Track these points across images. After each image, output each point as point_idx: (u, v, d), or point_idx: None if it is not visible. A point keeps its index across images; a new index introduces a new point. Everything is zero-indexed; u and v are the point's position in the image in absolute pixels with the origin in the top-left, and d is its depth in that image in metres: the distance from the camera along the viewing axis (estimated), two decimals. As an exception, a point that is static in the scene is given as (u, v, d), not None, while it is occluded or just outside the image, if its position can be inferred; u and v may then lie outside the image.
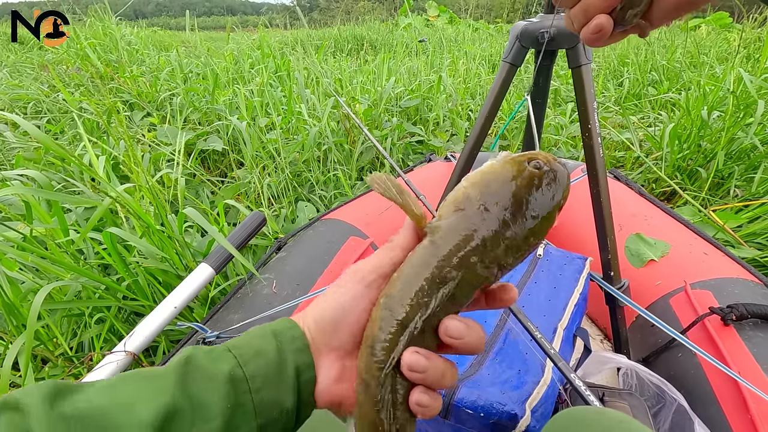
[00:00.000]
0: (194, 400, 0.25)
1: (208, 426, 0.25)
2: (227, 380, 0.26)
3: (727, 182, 1.47)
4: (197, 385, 0.26)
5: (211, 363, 0.27)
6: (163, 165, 1.54)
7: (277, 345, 0.29)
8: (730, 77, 1.65)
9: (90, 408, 0.23)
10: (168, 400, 0.24)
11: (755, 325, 0.77)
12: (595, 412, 0.44)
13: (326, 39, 4.89)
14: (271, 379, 0.27)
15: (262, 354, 0.28)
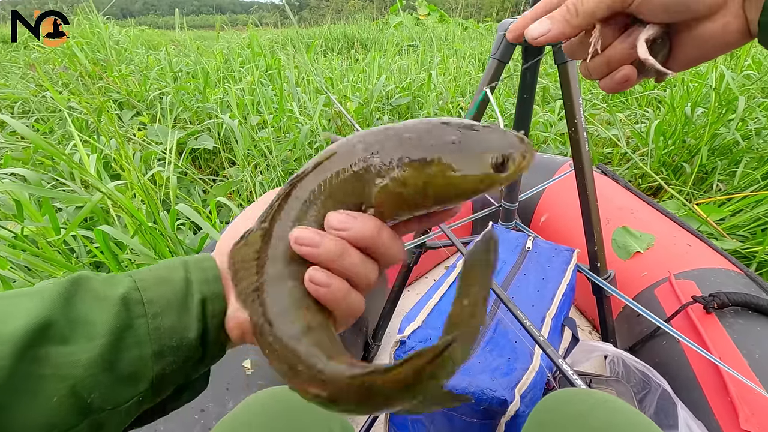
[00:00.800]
0: (75, 316, 0.23)
1: (89, 345, 0.22)
2: (119, 301, 0.24)
3: (711, 177, 1.50)
4: (83, 304, 0.23)
5: (105, 286, 0.24)
6: (154, 164, 1.54)
7: (186, 275, 0.27)
8: (712, 75, 1.69)
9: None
10: (41, 314, 0.22)
11: (736, 313, 0.80)
12: (582, 393, 0.46)
13: (316, 37, 4.88)
14: (173, 307, 0.25)
15: (167, 282, 0.26)
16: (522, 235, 0.96)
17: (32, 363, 0.21)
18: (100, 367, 0.22)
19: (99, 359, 0.22)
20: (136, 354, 0.24)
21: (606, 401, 0.43)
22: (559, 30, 0.30)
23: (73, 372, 0.21)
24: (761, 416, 0.62)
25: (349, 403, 0.22)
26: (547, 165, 1.39)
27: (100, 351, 0.22)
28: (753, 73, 1.92)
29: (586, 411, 0.42)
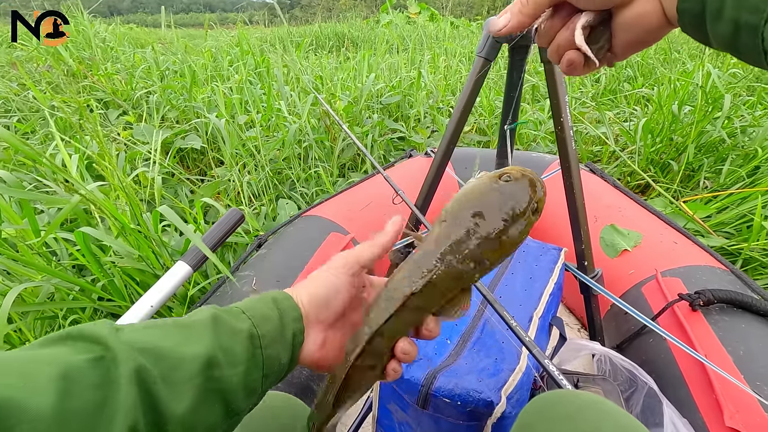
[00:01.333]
0: (226, 348, 0.32)
1: (236, 370, 0.32)
2: (247, 336, 0.33)
3: (697, 174, 1.52)
4: (226, 337, 0.32)
5: (233, 320, 0.34)
6: (139, 164, 1.51)
7: (279, 313, 0.36)
8: (699, 73, 1.70)
9: (147, 342, 0.29)
10: (208, 345, 0.31)
11: (721, 310, 0.80)
12: (570, 395, 0.46)
13: (306, 36, 4.85)
14: (276, 340, 0.35)
15: (269, 320, 0.35)
16: (510, 234, 0.95)
17: (210, 381, 0.30)
18: (241, 385, 0.32)
19: (240, 379, 0.32)
20: (257, 376, 0.33)
21: (594, 402, 0.43)
22: (516, 20, 0.34)
23: (227, 387, 0.31)
24: (746, 413, 0.62)
25: None
26: (536, 163, 1.39)
27: (242, 374, 0.32)
28: (739, 72, 1.94)
29: (574, 413, 0.42)
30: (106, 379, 0.25)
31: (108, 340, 0.27)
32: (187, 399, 0.28)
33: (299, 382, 0.77)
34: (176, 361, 0.29)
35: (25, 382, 0.22)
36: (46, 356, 0.25)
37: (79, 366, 0.25)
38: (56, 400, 0.22)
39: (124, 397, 0.25)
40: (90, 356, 0.26)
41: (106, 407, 0.24)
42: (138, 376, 0.26)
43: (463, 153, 1.47)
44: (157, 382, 0.27)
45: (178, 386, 0.28)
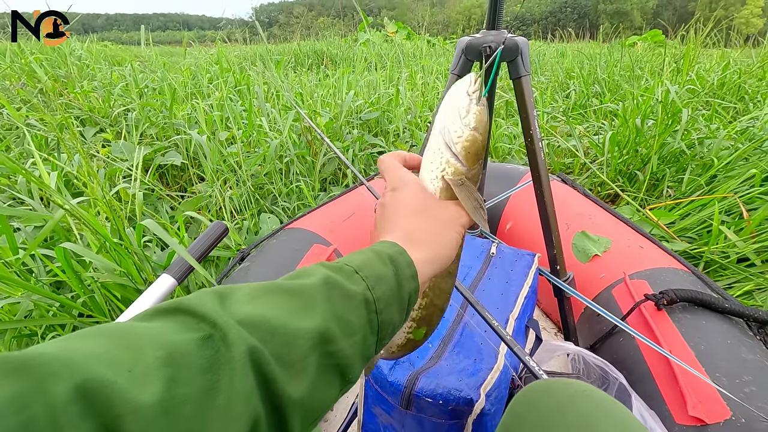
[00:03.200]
0: (340, 318, 0.29)
1: (352, 340, 0.29)
2: (363, 301, 0.31)
3: (661, 183, 1.60)
4: (340, 305, 0.30)
5: (347, 282, 0.31)
6: (119, 181, 1.51)
7: (395, 271, 0.34)
8: (659, 89, 1.81)
9: (257, 315, 0.26)
10: (322, 316, 0.28)
11: (683, 308, 0.85)
12: (560, 383, 0.45)
13: (286, 53, 4.91)
14: (392, 303, 0.33)
15: (384, 280, 0.33)
16: (487, 241, 0.99)
17: (326, 357, 0.28)
18: (357, 355, 0.30)
19: (357, 350, 0.30)
20: (372, 342, 0.31)
21: (584, 391, 0.43)
22: None
23: (343, 361, 0.29)
24: (707, 403, 0.66)
25: None
26: (510, 174, 1.45)
27: (358, 344, 0.30)
28: (696, 88, 2.07)
29: (565, 401, 0.42)
30: (215, 362, 0.22)
31: (215, 317, 0.24)
32: (305, 380, 0.26)
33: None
34: (289, 337, 0.26)
35: (132, 365, 0.20)
36: (151, 334, 0.22)
37: (186, 348, 0.22)
38: (162, 388, 0.20)
39: (241, 381, 0.22)
40: (197, 336, 0.23)
41: (218, 393, 0.21)
42: (252, 358, 0.24)
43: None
44: (271, 363, 0.24)
45: (293, 366, 0.26)
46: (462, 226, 0.39)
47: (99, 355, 0.20)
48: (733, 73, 2.43)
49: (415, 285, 0.34)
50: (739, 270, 1.16)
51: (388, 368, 0.65)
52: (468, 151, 0.40)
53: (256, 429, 0.23)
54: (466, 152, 0.40)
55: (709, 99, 2.08)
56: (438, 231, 0.38)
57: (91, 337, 0.21)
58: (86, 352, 0.20)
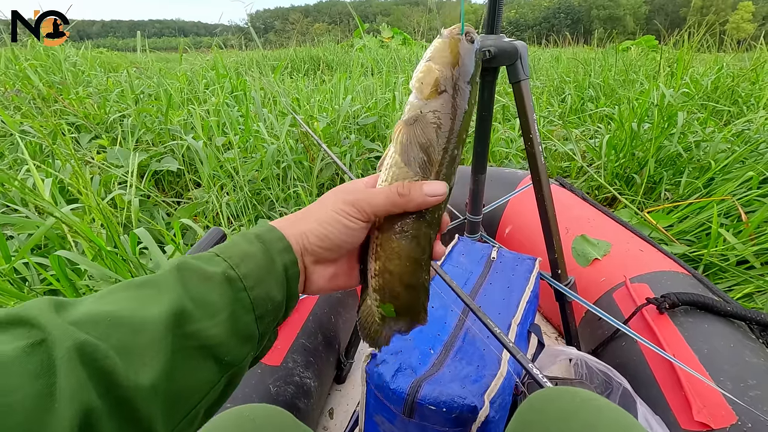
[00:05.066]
0: (197, 299, 0.28)
1: (215, 319, 0.29)
2: (224, 280, 0.30)
3: (659, 186, 1.61)
4: (196, 286, 0.29)
5: (204, 265, 0.30)
6: (114, 187, 1.49)
7: (263, 247, 0.33)
8: (654, 92, 1.82)
9: (98, 313, 0.25)
10: (174, 299, 0.27)
11: (686, 312, 0.85)
12: (567, 392, 0.45)
13: (282, 59, 4.92)
14: (263, 278, 0.32)
15: (251, 256, 0.32)
16: (487, 246, 0.99)
17: (184, 339, 0.27)
18: (228, 335, 0.29)
19: (225, 328, 0.29)
20: (247, 320, 0.30)
21: (591, 399, 0.43)
22: None
23: (210, 342, 0.28)
24: (712, 407, 0.66)
25: None
26: (509, 179, 1.45)
27: (224, 323, 0.29)
28: (690, 91, 2.09)
29: (572, 410, 0.42)
30: (47, 366, 0.22)
31: (43, 320, 0.23)
32: (156, 365, 0.25)
33: (285, 400, 0.76)
34: (135, 326, 0.25)
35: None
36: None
37: (12, 355, 0.21)
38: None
39: (65, 380, 0.22)
40: (25, 342, 0.22)
41: (50, 396, 0.21)
42: (81, 353, 0.23)
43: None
44: (109, 356, 0.23)
45: (143, 354, 0.25)
46: (344, 203, 0.36)
47: None
48: (727, 77, 2.45)
49: (291, 257, 0.34)
50: (739, 273, 1.16)
51: (390, 375, 0.64)
52: (421, 82, 0.36)
53: (90, 422, 0.22)
54: (419, 83, 0.37)
55: (704, 102, 2.10)
56: (311, 211, 0.37)
57: None
58: None
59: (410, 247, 0.36)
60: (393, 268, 0.36)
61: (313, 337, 0.94)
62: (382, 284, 0.37)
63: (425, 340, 0.72)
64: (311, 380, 0.85)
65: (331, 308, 1.03)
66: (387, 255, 0.36)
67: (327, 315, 1.01)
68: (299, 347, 0.89)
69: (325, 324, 1.00)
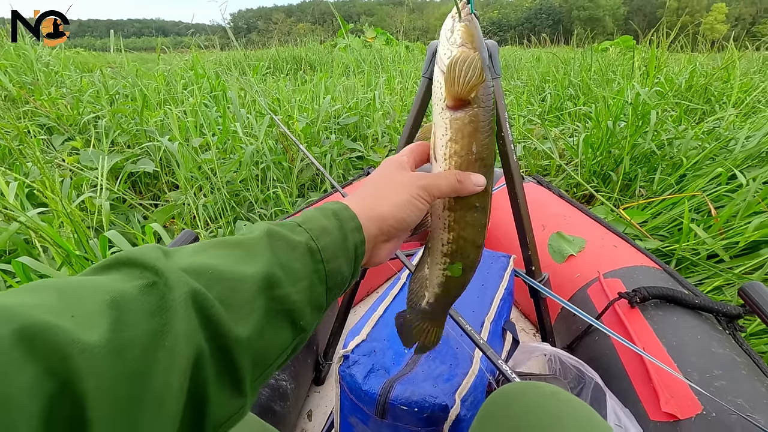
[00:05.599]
0: (285, 266, 0.31)
1: (299, 285, 0.31)
2: (306, 251, 0.32)
3: (634, 183, 1.64)
4: (284, 254, 0.31)
5: (290, 233, 0.33)
6: (87, 190, 1.45)
7: (339, 224, 0.35)
8: (628, 91, 1.86)
9: (201, 264, 0.27)
10: (266, 263, 0.30)
11: (656, 305, 0.86)
12: (531, 386, 0.46)
13: (263, 59, 4.87)
14: (338, 253, 0.34)
15: (328, 232, 0.34)
16: (463, 244, 0.99)
17: (272, 301, 0.29)
18: (306, 302, 0.31)
19: (304, 296, 0.31)
20: (321, 291, 0.33)
21: (553, 393, 0.44)
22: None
23: (292, 306, 0.30)
24: (679, 398, 0.67)
25: None
26: (487, 177, 1.46)
27: (305, 290, 0.31)
28: (663, 90, 2.13)
29: (535, 403, 0.43)
30: (161, 306, 0.23)
31: (158, 264, 0.25)
32: (252, 321, 0.27)
33: (259, 402, 0.75)
34: (234, 282, 0.27)
35: (76, 311, 0.20)
36: (95, 283, 0.23)
37: (131, 293, 0.23)
38: (109, 329, 0.20)
39: (183, 322, 0.23)
40: (141, 282, 0.24)
41: (166, 335, 0.22)
42: (194, 300, 0.25)
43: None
44: (215, 305, 0.25)
45: (240, 309, 0.27)
46: (419, 189, 0.39)
47: (40, 304, 0.20)
48: (700, 76, 2.51)
49: (360, 237, 0.36)
50: (709, 266, 1.18)
51: (363, 377, 0.64)
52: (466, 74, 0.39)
53: (199, 364, 0.24)
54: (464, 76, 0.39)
55: (677, 101, 2.15)
56: (387, 194, 0.39)
57: (32, 289, 0.21)
58: (26, 302, 0.19)
59: (481, 216, 0.43)
60: (467, 234, 0.43)
61: (289, 339, 0.93)
62: (456, 249, 0.43)
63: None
64: (287, 382, 0.84)
65: (309, 309, 1.03)
66: (461, 226, 0.43)
67: (304, 316, 1.01)
68: (275, 350, 0.88)
69: (302, 325, 0.99)
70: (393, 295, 0.81)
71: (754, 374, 0.70)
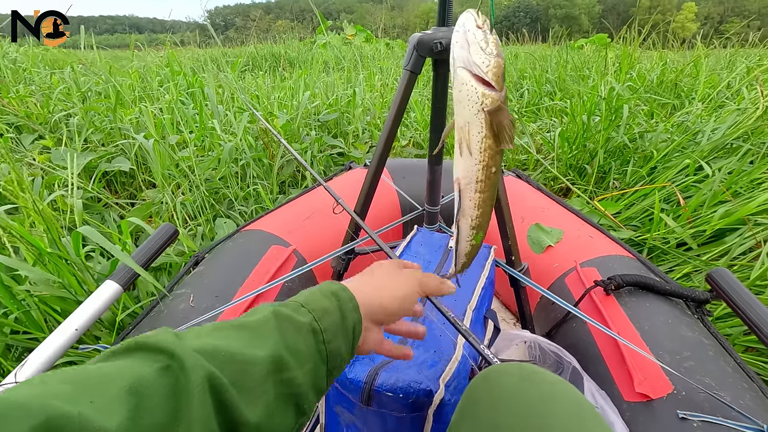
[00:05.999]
0: (291, 347, 0.31)
1: (304, 368, 0.31)
2: (310, 331, 0.33)
3: (608, 176, 1.69)
4: (290, 335, 0.32)
5: (295, 314, 0.34)
6: (59, 189, 1.41)
7: (338, 304, 0.37)
8: (602, 87, 1.91)
9: (214, 346, 0.28)
10: (274, 346, 0.31)
11: (629, 292, 0.90)
12: (513, 366, 0.46)
13: (240, 56, 4.80)
14: (338, 334, 0.35)
15: (329, 312, 0.35)
16: (445, 236, 1.01)
17: (281, 385, 0.30)
18: (310, 384, 0.32)
19: (309, 379, 0.32)
20: (322, 373, 0.33)
21: (535, 372, 0.44)
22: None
23: (298, 390, 0.31)
24: (652, 380, 0.70)
25: None
26: (467, 171, 1.48)
27: (310, 373, 0.32)
28: (635, 85, 2.20)
29: (518, 383, 0.43)
30: (176, 389, 0.23)
31: (173, 347, 0.25)
32: (261, 405, 0.27)
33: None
34: (245, 365, 0.28)
35: (95, 397, 0.21)
36: (113, 369, 0.23)
37: (148, 378, 0.23)
38: (128, 416, 0.21)
39: (199, 406, 0.23)
40: (158, 366, 0.24)
41: (181, 420, 0.23)
42: (210, 383, 0.25)
43: (400, 164, 1.53)
44: (229, 390, 0.26)
45: (251, 392, 0.27)
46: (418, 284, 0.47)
47: (58, 394, 0.20)
48: (670, 72, 2.60)
49: (358, 316, 0.38)
50: (678, 254, 1.23)
51: (348, 366, 0.64)
52: (497, 77, 0.45)
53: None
54: (497, 78, 0.45)
55: (649, 96, 2.22)
56: (389, 285, 0.45)
57: (50, 380, 0.22)
58: (46, 392, 0.20)
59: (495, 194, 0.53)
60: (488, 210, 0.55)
61: (273, 334, 0.93)
62: (481, 222, 0.55)
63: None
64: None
65: (292, 304, 1.02)
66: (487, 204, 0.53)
67: (287, 311, 1.00)
68: (258, 345, 0.87)
69: (285, 320, 0.99)
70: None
71: (720, 355, 0.74)
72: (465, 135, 0.48)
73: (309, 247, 1.13)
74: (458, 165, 0.51)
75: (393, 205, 1.43)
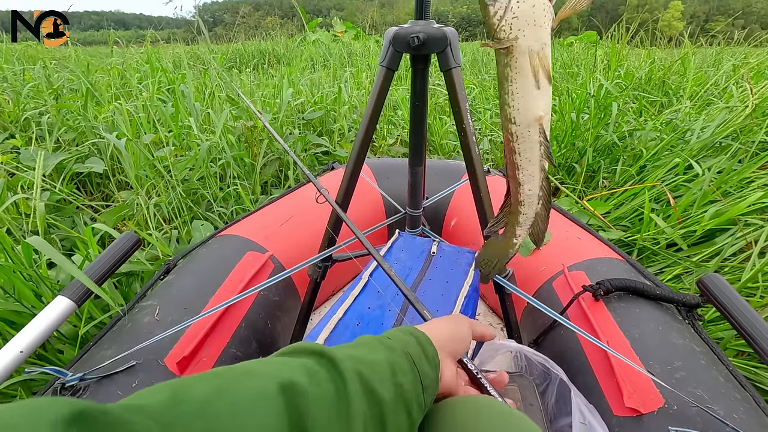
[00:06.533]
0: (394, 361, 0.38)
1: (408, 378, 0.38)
2: (403, 352, 0.40)
3: (597, 175, 1.66)
4: (391, 352, 0.39)
5: (387, 341, 0.41)
6: (26, 191, 1.34)
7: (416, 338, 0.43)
8: (591, 84, 1.88)
9: (344, 352, 0.36)
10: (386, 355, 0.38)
11: (619, 297, 0.86)
12: (467, 401, 0.44)
13: (225, 53, 4.71)
14: (422, 359, 0.41)
15: (410, 343, 0.42)
16: (428, 240, 0.96)
17: (396, 387, 0.35)
18: (413, 394, 0.37)
19: (413, 388, 0.38)
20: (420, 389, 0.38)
21: (487, 406, 0.42)
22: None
23: (407, 396, 0.36)
24: (642, 393, 0.66)
25: None
26: (453, 171, 1.44)
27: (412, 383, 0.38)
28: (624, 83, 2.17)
29: (469, 419, 0.41)
30: (334, 374, 0.33)
31: (320, 349, 0.35)
32: (389, 397, 0.34)
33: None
34: (373, 364, 0.35)
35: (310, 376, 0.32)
36: (291, 361, 0.33)
37: (312, 365, 0.33)
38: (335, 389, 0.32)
39: (351, 385, 0.32)
40: (314, 360, 0.34)
41: (342, 394, 0.32)
42: (359, 376, 0.33)
43: (385, 163, 1.49)
44: (371, 378, 0.33)
45: (382, 384, 0.34)
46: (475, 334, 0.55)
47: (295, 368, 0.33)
48: (658, 70, 2.58)
49: (433, 349, 0.43)
50: (669, 255, 1.20)
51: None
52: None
53: (367, 425, 0.32)
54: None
55: (637, 93, 2.19)
56: (453, 328, 0.51)
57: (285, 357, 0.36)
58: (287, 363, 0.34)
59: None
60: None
61: (246, 345, 0.88)
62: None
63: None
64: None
65: (268, 312, 0.97)
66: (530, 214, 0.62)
67: (263, 320, 0.95)
68: (230, 358, 0.82)
69: (260, 330, 0.94)
70: (354, 296, 0.77)
71: (712, 364, 0.71)
72: (543, 60, 0.46)
73: (287, 253, 1.08)
74: (539, 99, 0.48)
75: (376, 206, 1.39)
